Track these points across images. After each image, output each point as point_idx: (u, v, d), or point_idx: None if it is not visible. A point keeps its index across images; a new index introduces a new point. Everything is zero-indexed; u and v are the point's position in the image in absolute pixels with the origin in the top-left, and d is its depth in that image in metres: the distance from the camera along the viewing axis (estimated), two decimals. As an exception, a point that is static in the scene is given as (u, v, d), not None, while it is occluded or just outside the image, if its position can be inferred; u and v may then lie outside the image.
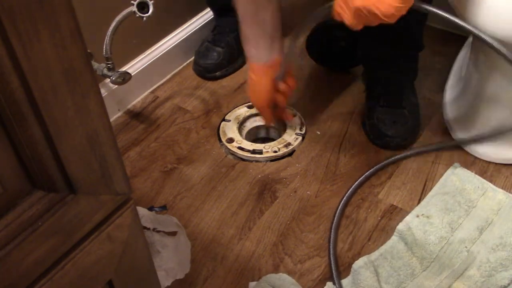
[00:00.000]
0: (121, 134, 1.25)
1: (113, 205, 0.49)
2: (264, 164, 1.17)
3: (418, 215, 1.03)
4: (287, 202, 1.09)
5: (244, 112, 1.27)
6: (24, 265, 0.43)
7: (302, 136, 1.21)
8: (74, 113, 0.41)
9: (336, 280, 0.94)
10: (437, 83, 1.31)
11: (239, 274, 0.97)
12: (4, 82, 0.36)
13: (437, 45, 1.41)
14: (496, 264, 0.94)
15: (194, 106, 1.31)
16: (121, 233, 0.51)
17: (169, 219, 1.04)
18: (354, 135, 1.22)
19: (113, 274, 0.52)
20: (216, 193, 1.11)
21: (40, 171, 0.42)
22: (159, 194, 1.11)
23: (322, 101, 1.30)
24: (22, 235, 0.42)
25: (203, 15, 1.45)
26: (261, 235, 1.03)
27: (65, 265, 0.46)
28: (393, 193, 1.09)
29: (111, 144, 0.46)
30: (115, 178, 0.48)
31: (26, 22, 0.35)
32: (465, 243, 0.98)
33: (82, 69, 0.40)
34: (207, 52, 1.38)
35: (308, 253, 1.00)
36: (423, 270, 0.95)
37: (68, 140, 0.42)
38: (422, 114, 1.22)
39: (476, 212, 1.03)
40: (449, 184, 1.08)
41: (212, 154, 1.19)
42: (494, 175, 1.11)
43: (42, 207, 0.43)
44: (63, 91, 0.40)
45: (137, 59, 1.31)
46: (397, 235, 1.00)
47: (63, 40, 0.38)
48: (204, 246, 1.02)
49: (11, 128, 0.39)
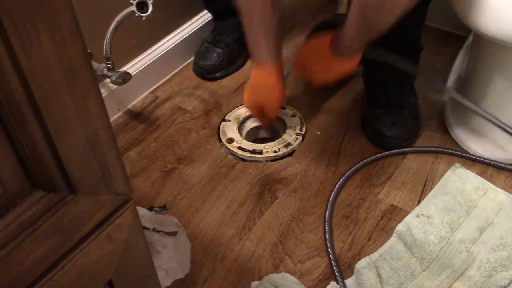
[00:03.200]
0: (121, 134, 1.25)
1: (113, 205, 0.49)
2: (264, 164, 1.17)
3: (418, 215, 1.03)
4: (287, 202, 1.09)
5: (244, 112, 1.27)
6: (24, 265, 0.43)
7: (302, 136, 1.21)
8: (74, 113, 0.41)
9: (340, 280, 0.94)
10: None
11: (239, 274, 0.97)
12: (4, 82, 0.36)
13: (437, 45, 1.41)
14: (496, 264, 0.94)
15: (194, 106, 1.31)
16: (121, 233, 0.51)
17: (169, 219, 1.04)
18: (354, 135, 1.22)
19: (113, 274, 0.53)
20: (216, 193, 1.11)
21: (40, 171, 0.42)
22: (159, 194, 1.11)
23: (322, 101, 1.30)
24: (22, 235, 0.42)
25: (203, 15, 1.45)
26: (261, 235, 1.03)
27: (65, 265, 0.46)
28: (393, 193, 1.09)
29: (111, 144, 0.46)
30: (115, 178, 0.48)
31: (26, 22, 0.35)
32: (465, 243, 0.98)
33: (82, 69, 0.40)
34: (207, 53, 1.38)
35: (308, 253, 1.00)
36: (422, 270, 0.95)
37: (68, 140, 0.42)
38: (422, 114, 1.22)
39: (476, 212, 1.03)
40: (449, 184, 1.08)
41: (212, 154, 1.19)
42: (494, 175, 1.11)
43: (42, 207, 0.43)
44: (63, 91, 0.40)
45: (137, 59, 1.31)
46: (396, 235, 1.00)
47: (63, 40, 0.38)
48: (204, 246, 1.02)
49: (11, 128, 0.39)
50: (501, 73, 1.04)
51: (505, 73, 1.03)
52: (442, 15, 1.30)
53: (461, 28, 1.24)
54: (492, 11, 0.92)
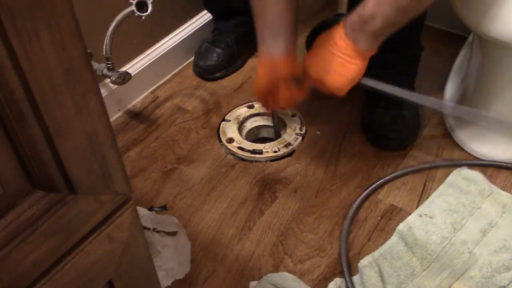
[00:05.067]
0: (121, 134, 1.25)
1: (113, 205, 0.49)
2: (264, 164, 1.17)
3: (421, 215, 1.02)
4: (287, 202, 1.09)
5: (244, 112, 1.27)
6: (24, 265, 0.43)
7: (302, 136, 1.21)
8: (74, 113, 0.41)
9: (348, 277, 0.93)
10: (437, 83, 1.31)
11: (239, 274, 0.97)
12: (4, 82, 0.36)
13: (437, 45, 1.41)
14: (498, 265, 0.94)
15: (194, 106, 1.31)
16: (121, 233, 0.51)
17: (169, 219, 1.04)
18: (354, 135, 1.22)
19: (113, 274, 0.52)
20: (216, 193, 1.11)
21: (40, 171, 0.42)
22: (159, 194, 1.11)
23: (322, 101, 1.30)
24: (22, 235, 0.42)
25: (203, 15, 1.45)
26: (261, 235, 1.03)
27: (65, 265, 0.46)
28: (393, 193, 1.09)
29: (111, 144, 0.46)
30: (115, 178, 0.48)
31: (26, 22, 0.35)
32: (468, 244, 0.97)
33: (82, 69, 0.40)
34: (206, 53, 1.38)
35: (308, 253, 1.00)
36: (423, 270, 0.95)
37: (68, 140, 0.42)
38: (422, 114, 1.22)
39: (480, 214, 1.02)
40: (454, 185, 1.07)
41: (212, 154, 1.19)
42: (494, 175, 1.11)
43: (42, 207, 0.43)
44: (63, 91, 0.40)
45: (137, 59, 1.31)
46: (397, 235, 1.00)
47: (63, 40, 0.38)
48: (204, 246, 1.02)
49: (11, 128, 0.39)
50: (501, 73, 1.04)
51: (505, 73, 1.03)
52: (442, 15, 1.30)
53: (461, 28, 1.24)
54: (493, 11, 0.92)
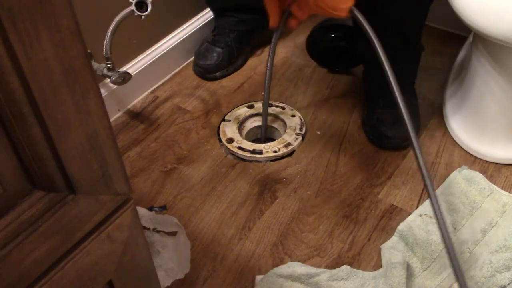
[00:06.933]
0: (121, 134, 1.25)
1: (113, 205, 0.49)
2: (264, 164, 1.17)
3: (421, 215, 1.02)
4: (287, 202, 1.09)
5: (244, 112, 1.27)
6: (24, 265, 0.43)
7: (302, 136, 1.21)
8: (74, 113, 0.41)
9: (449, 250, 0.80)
10: (437, 83, 1.31)
11: (239, 274, 0.97)
12: (4, 82, 0.36)
13: (437, 45, 1.41)
14: (499, 265, 0.93)
15: (194, 106, 1.31)
16: (121, 233, 0.51)
17: (169, 219, 1.04)
18: (354, 135, 1.22)
19: (113, 274, 0.52)
20: (216, 193, 1.11)
21: (40, 171, 0.42)
22: (159, 194, 1.11)
23: (322, 101, 1.30)
24: (22, 235, 0.42)
25: (203, 15, 1.45)
26: (261, 235, 1.03)
27: (65, 265, 0.46)
28: (393, 193, 1.09)
29: (111, 144, 0.46)
30: (115, 178, 0.48)
31: (26, 22, 0.35)
32: (468, 244, 0.97)
33: (82, 69, 0.40)
34: (206, 52, 1.38)
35: (308, 253, 1.00)
36: (423, 270, 0.95)
37: (68, 140, 0.42)
38: (422, 114, 1.22)
39: (480, 213, 1.02)
40: (454, 185, 1.07)
41: (212, 154, 1.19)
42: (494, 175, 1.11)
43: (42, 207, 0.43)
44: (63, 91, 0.40)
45: (137, 59, 1.31)
46: (397, 235, 1.00)
47: (63, 40, 0.38)
48: (204, 246, 1.02)
49: (11, 128, 0.39)
50: (501, 73, 1.04)
51: (505, 73, 1.03)
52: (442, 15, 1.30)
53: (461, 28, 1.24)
54: (492, 11, 0.92)
